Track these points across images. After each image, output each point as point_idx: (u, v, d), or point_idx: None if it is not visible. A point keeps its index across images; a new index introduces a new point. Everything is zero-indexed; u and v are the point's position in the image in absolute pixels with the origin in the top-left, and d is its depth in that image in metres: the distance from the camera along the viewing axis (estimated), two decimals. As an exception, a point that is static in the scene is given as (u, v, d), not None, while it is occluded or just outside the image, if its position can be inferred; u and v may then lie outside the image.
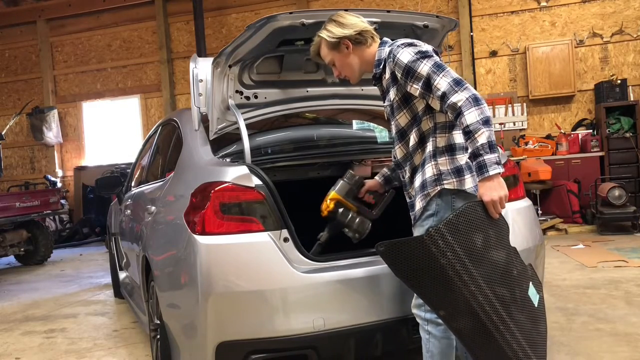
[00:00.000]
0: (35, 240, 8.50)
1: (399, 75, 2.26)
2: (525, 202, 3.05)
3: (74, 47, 11.60)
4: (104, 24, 11.29)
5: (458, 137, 2.27)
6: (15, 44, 11.89)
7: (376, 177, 2.79)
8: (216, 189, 2.51)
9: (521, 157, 8.25)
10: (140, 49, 11.18)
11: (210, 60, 2.93)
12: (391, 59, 2.28)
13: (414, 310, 2.40)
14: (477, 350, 2.16)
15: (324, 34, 2.41)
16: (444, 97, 2.12)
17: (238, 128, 2.80)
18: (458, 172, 2.25)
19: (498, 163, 2.07)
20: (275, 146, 3.33)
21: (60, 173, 11.57)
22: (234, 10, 10.52)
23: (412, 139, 2.33)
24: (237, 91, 2.98)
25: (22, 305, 5.79)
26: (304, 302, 2.45)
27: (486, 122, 2.05)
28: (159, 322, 3.00)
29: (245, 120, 2.86)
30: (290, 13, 2.64)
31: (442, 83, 2.13)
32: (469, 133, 2.07)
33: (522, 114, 9.08)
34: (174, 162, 3.27)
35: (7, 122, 11.29)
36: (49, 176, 10.89)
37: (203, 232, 2.47)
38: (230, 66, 2.88)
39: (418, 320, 2.39)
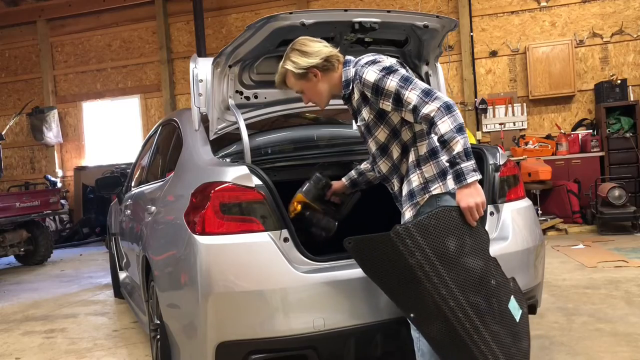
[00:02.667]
0: (35, 240, 8.50)
1: (369, 94, 2.28)
2: (525, 202, 3.05)
3: (74, 47, 11.60)
4: (104, 24, 11.29)
5: (434, 140, 2.29)
6: (15, 44, 11.89)
7: (343, 179, 2.86)
8: (216, 189, 2.50)
9: (521, 157, 8.25)
10: (140, 49, 11.18)
11: (210, 60, 2.93)
12: (358, 80, 2.30)
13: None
14: (450, 358, 2.16)
15: (289, 65, 2.41)
16: (415, 110, 2.14)
17: (238, 128, 2.80)
18: (443, 174, 2.27)
19: (475, 170, 2.09)
20: (275, 146, 3.33)
21: (60, 173, 11.58)
22: (234, 10, 10.53)
23: (395, 151, 2.37)
24: (237, 91, 2.98)
25: (22, 305, 5.80)
26: (304, 302, 2.44)
27: (460, 129, 2.07)
28: (159, 322, 3.00)
29: (245, 120, 2.86)
30: (290, 13, 2.64)
31: (411, 96, 2.14)
32: (444, 142, 2.09)
33: (522, 114, 9.08)
34: (174, 162, 3.27)
35: (7, 122, 11.30)
36: (49, 176, 10.90)
37: (203, 232, 2.47)
38: (230, 66, 2.87)
39: (408, 319, 2.38)
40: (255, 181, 2.52)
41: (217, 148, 3.01)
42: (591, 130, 8.64)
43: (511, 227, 2.84)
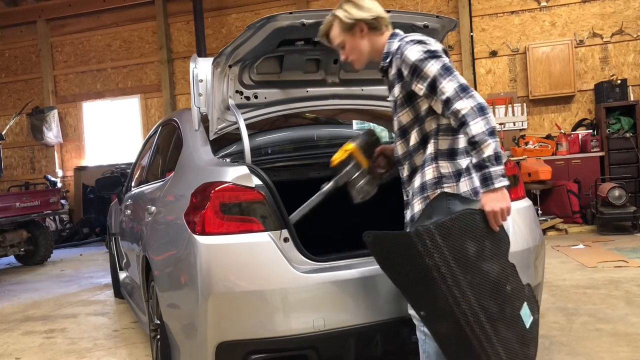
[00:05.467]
0: (35, 240, 8.50)
1: (405, 73, 2.20)
2: (525, 202, 3.05)
3: (74, 47, 11.60)
4: (104, 24, 11.29)
5: (462, 142, 2.23)
6: (15, 44, 11.89)
7: (392, 145, 2.62)
8: (216, 189, 2.51)
9: (521, 157, 8.25)
10: (140, 49, 11.18)
11: (210, 60, 2.93)
12: (399, 55, 2.22)
13: (411, 311, 2.38)
14: (453, 358, 2.16)
15: (340, 13, 2.32)
16: (448, 102, 2.08)
17: (238, 128, 2.80)
18: (458, 175, 2.22)
19: (504, 176, 2.04)
20: (275, 146, 3.33)
21: (60, 173, 11.57)
22: (234, 10, 10.52)
23: (414, 138, 2.28)
24: (237, 91, 2.98)
25: (22, 305, 5.79)
26: (304, 302, 2.45)
27: (492, 132, 2.02)
28: (159, 322, 3.00)
29: (245, 120, 2.86)
30: (290, 13, 2.64)
31: (447, 87, 2.08)
32: (475, 144, 2.03)
33: (522, 114, 9.08)
34: (174, 162, 3.27)
35: (7, 122, 11.29)
36: (49, 176, 10.89)
37: (203, 232, 2.47)
38: (230, 66, 2.88)
39: (414, 321, 2.37)
40: (255, 181, 2.52)
41: (217, 148, 3.01)
42: (591, 130, 8.64)
43: (511, 227, 2.84)
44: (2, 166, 10.06)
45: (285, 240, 2.49)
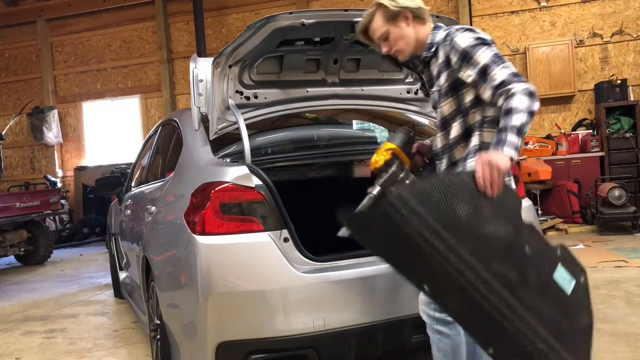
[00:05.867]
0: (35, 240, 8.50)
1: (453, 60, 2.15)
2: (525, 202, 3.05)
3: (74, 47, 11.60)
4: (104, 24, 11.29)
5: (488, 137, 2.16)
6: (15, 44, 11.89)
7: (427, 141, 2.52)
8: (216, 189, 2.51)
9: (521, 157, 8.25)
10: (140, 49, 11.18)
11: (210, 60, 2.93)
12: (447, 42, 2.16)
13: (422, 307, 2.32)
14: (479, 335, 1.94)
15: (385, 1, 2.24)
16: (501, 84, 2.02)
17: (238, 128, 2.80)
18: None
19: (516, 149, 1.93)
20: (275, 146, 3.33)
21: (60, 173, 11.57)
22: (234, 10, 10.52)
23: (455, 130, 2.22)
24: (237, 91, 2.98)
25: (22, 305, 5.79)
26: (304, 302, 2.45)
27: (530, 113, 1.96)
28: (159, 322, 3.00)
29: (245, 120, 2.86)
30: (290, 13, 2.64)
31: (501, 73, 2.04)
32: (509, 111, 1.96)
33: (522, 114, 9.07)
34: (174, 162, 3.27)
35: (7, 122, 11.29)
36: (49, 176, 10.89)
37: (203, 232, 2.47)
38: (230, 66, 2.88)
39: (426, 319, 2.31)
40: (255, 181, 2.52)
41: (217, 148, 3.01)
42: (591, 130, 8.64)
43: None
44: (2, 166, 10.06)
45: (285, 240, 2.49)
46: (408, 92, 3.37)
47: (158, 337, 3.04)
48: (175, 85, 10.92)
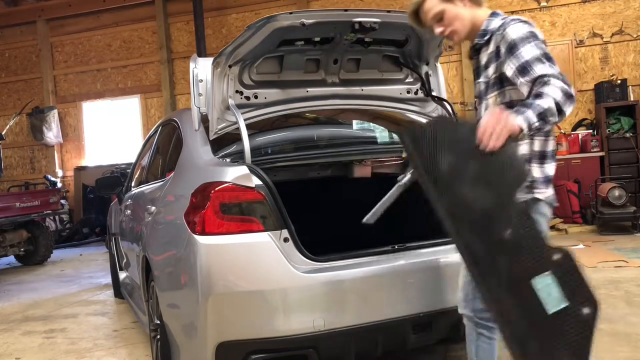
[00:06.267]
0: (35, 240, 8.49)
1: (502, 49, 2.03)
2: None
3: (74, 47, 11.60)
4: (104, 24, 11.29)
5: (551, 144, 2.09)
6: (15, 44, 11.89)
7: None
8: (216, 189, 2.51)
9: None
10: (140, 49, 11.18)
11: (210, 60, 2.93)
12: (500, 32, 2.05)
13: (464, 309, 2.22)
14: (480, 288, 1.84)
15: None
16: (540, 77, 1.87)
17: (238, 128, 2.80)
18: (548, 182, 2.08)
19: (529, 127, 1.78)
20: (275, 146, 3.33)
21: (60, 173, 11.57)
22: (234, 10, 10.52)
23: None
24: (237, 91, 2.98)
25: (22, 305, 5.79)
26: (304, 302, 2.45)
27: (559, 108, 1.80)
28: (159, 322, 3.00)
29: (245, 120, 2.86)
30: (290, 13, 2.64)
31: (543, 69, 1.89)
32: (538, 95, 1.83)
33: (522, 114, 9.07)
34: (174, 162, 3.27)
35: (7, 122, 11.29)
36: (49, 176, 10.89)
37: (203, 232, 2.47)
38: (230, 66, 2.88)
39: (467, 320, 2.23)
40: (255, 181, 2.52)
41: (217, 148, 3.01)
42: (591, 130, 8.63)
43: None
44: (2, 166, 10.06)
45: (285, 240, 2.49)
46: (408, 92, 3.37)
47: (158, 337, 3.04)
48: (175, 85, 10.92)
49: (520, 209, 1.79)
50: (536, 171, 2.06)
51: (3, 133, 10.33)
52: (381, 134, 3.80)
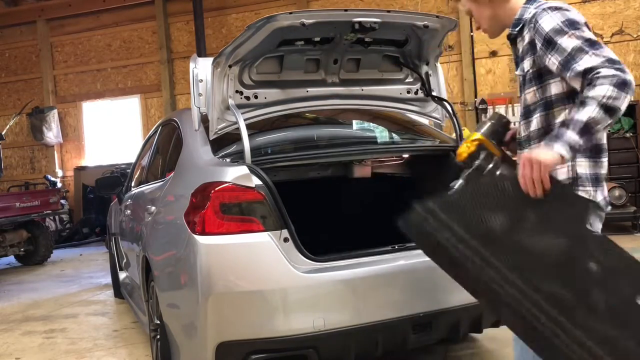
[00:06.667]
0: (35, 240, 8.49)
1: (538, 45, 1.90)
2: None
3: (74, 47, 11.60)
4: (104, 24, 11.29)
5: (605, 137, 1.92)
6: (15, 44, 11.89)
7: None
8: (216, 189, 2.51)
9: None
10: (140, 49, 11.18)
11: (210, 60, 2.93)
12: (532, 24, 1.93)
13: None
14: (538, 351, 1.76)
15: None
16: (588, 72, 1.73)
17: (238, 128, 2.80)
18: (597, 180, 1.89)
19: (572, 149, 1.69)
20: (275, 146, 3.33)
21: (60, 173, 11.57)
22: (234, 10, 10.52)
23: (535, 123, 1.99)
24: (237, 91, 2.98)
25: (22, 305, 5.79)
26: (304, 302, 2.45)
27: (607, 108, 1.67)
28: (159, 322, 3.00)
29: (245, 120, 2.86)
30: (290, 13, 2.64)
31: (589, 60, 1.74)
32: (582, 102, 1.70)
33: (522, 114, 9.07)
34: (174, 162, 3.27)
35: (7, 122, 11.29)
36: (49, 176, 10.89)
37: (203, 232, 2.47)
38: (230, 66, 2.88)
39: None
40: (255, 181, 2.52)
41: (217, 148, 3.01)
42: (591, 130, 8.63)
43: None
44: (2, 166, 10.05)
45: (285, 240, 2.49)
46: (408, 92, 3.37)
47: (158, 337, 3.04)
48: (175, 85, 10.92)
49: (594, 237, 1.73)
50: (583, 166, 1.88)
51: (3, 133, 10.32)
52: (381, 134, 3.80)
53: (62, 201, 10.01)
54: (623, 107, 1.68)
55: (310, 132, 3.73)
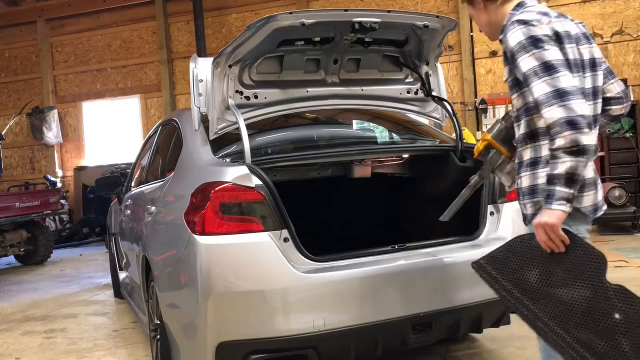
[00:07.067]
0: (35, 240, 8.50)
1: (508, 57, 1.99)
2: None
3: (74, 47, 11.60)
4: (104, 24, 11.29)
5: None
6: (15, 44, 11.89)
7: None
8: (216, 189, 2.50)
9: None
10: (140, 49, 11.18)
11: (210, 60, 2.93)
12: (503, 35, 2.00)
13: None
14: None
15: None
16: (537, 105, 1.84)
17: (238, 128, 2.80)
18: (581, 186, 1.93)
19: (569, 200, 1.80)
20: (275, 146, 3.33)
21: (60, 173, 11.57)
22: (234, 10, 10.52)
23: (522, 127, 2.04)
24: (237, 91, 2.98)
25: (22, 305, 5.79)
26: (304, 302, 2.45)
27: (575, 152, 1.75)
28: (159, 322, 3.00)
29: (245, 120, 2.86)
30: (290, 13, 2.64)
31: (538, 90, 1.83)
32: (553, 157, 1.80)
33: (522, 114, 9.07)
34: (174, 162, 3.27)
35: (7, 122, 11.29)
36: (49, 176, 10.89)
37: (203, 232, 2.47)
38: (230, 66, 2.88)
39: None
40: (255, 181, 2.52)
41: (217, 148, 3.01)
42: (591, 130, 8.63)
43: (511, 227, 2.84)
44: (2, 166, 10.06)
45: (285, 240, 2.49)
46: (408, 92, 3.37)
47: (158, 337, 3.04)
48: (175, 85, 10.92)
49: (615, 289, 1.86)
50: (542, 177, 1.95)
51: (3, 133, 10.32)
52: (381, 134, 3.80)
53: (62, 201, 10.01)
54: (586, 141, 1.76)
55: (310, 132, 3.72)
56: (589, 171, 1.98)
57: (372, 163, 3.51)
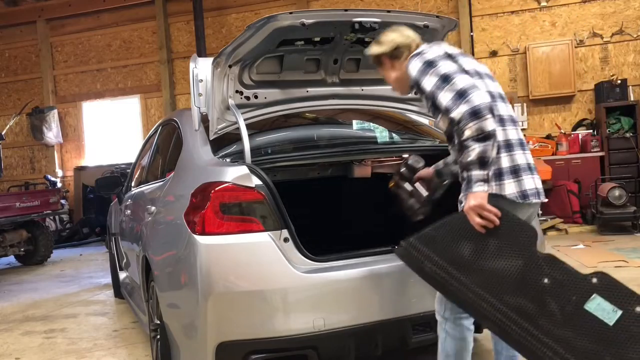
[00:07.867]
0: (35, 240, 8.50)
1: (415, 86, 2.25)
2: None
3: (74, 47, 11.60)
4: (104, 24, 11.29)
5: (509, 134, 2.21)
6: (15, 44, 11.89)
7: (430, 168, 2.72)
8: (216, 189, 2.51)
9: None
10: (140, 49, 11.18)
11: (210, 60, 2.93)
12: (407, 70, 2.26)
13: (435, 306, 2.39)
14: (513, 347, 2.12)
15: (367, 51, 2.48)
16: (447, 112, 2.07)
17: (238, 128, 2.80)
18: (499, 175, 2.18)
19: (485, 181, 2.06)
20: (275, 146, 3.33)
21: (60, 173, 11.57)
22: (234, 10, 10.52)
23: (456, 140, 2.19)
24: (237, 91, 2.98)
25: (22, 305, 5.79)
26: (304, 302, 2.45)
27: (481, 138, 2.00)
28: (159, 322, 3.00)
29: (245, 120, 2.86)
30: (290, 13, 2.64)
31: (443, 99, 2.07)
32: (463, 147, 2.04)
33: (523, 114, 9.07)
34: (174, 162, 3.27)
35: (7, 122, 11.29)
36: (49, 176, 10.89)
37: (203, 232, 2.47)
38: (230, 66, 2.88)
39: (437, 317, 2.38)
40: (255, 181, 2.52)
41: (217, 148, 3.01)
42: (591, 130, 8.63)
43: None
44: (2, 166, 10.06)
45: (285, 240, 2.49)
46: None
47: (158, 337, 3.04)
48: (175, 85, 10.92)
49: (545, 257, 2.04)
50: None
51: (3, 133, 10.32)
52: (381, 134, 3.80)
53: (62, 201, 10.01)
54: (489, 127, 2.00)
55: (310, 132, 3.73)
56: (506, 161, 2.17)
57: (372, 163, 3.51)
